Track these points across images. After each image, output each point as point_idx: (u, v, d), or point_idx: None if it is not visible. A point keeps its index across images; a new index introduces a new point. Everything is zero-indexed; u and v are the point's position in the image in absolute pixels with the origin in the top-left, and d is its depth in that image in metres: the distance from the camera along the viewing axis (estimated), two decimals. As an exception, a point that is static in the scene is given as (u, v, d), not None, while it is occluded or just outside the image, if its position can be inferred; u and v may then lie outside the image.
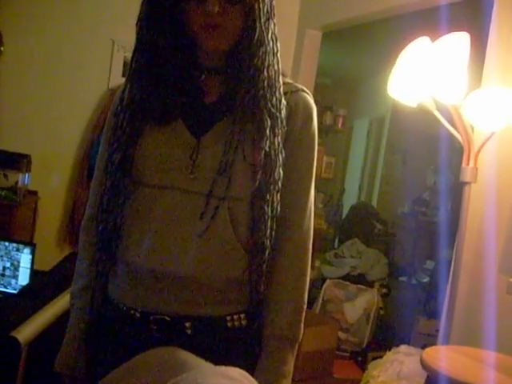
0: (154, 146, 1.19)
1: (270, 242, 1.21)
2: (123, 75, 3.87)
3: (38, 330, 1.77)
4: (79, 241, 1.34)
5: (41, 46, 3.84)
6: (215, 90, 1.23)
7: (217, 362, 1.08)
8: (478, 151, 1.99)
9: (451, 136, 2.10)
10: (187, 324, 1.19)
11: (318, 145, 1.29)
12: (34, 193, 3.80)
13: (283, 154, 1.20)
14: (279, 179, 1.19)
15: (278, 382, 1.23)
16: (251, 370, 1.20)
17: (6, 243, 2.84)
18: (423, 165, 5.34)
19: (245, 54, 1.16)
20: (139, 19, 1.20)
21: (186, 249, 1.17)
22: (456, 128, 2.03)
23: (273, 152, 1.17)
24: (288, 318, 1.24)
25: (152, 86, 1.20)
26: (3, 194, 3.48)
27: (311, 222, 1.27)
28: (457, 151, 2.96)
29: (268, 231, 1.19)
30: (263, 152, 1.16)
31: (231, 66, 1.20)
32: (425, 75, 1.98)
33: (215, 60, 1.21)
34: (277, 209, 1.20)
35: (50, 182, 3.92)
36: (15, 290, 2.83)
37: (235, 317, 1.23)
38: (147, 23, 1.18)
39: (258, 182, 1.17)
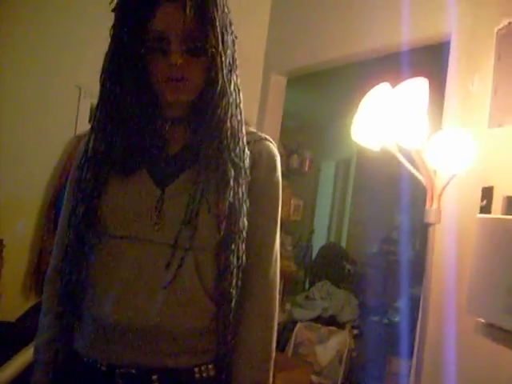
0: (119, 198, 1.20)
1: (236, 291, 1.21)
2: (90, 121, 3.87)
3: (1, 386, 1.72)
4: (43, 293, 1.32)
5: (4, 92, 3.82)
6: (179, 140, 1.24)
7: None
8: (441, 193, 2.03)
9: (415, 177, 2.15)
10: (154, 377, 1.17)
11: (286, 187, 1.31)
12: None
13: (247, 204, 1.21)
14: (244, 229, 1.20)
15: None
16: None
17: (-30, 295, 2.76)
18: (390, 205, 5.41)
19: (208, 105, 1.19)
20: (103, 72, 1.21)
21: (151, 300, 1.16)
22: (419, 171, 2.08)
23: (237, 202, 1.19)
24: (256, 368, 1.23)
25: (116, 137, 1.21)
26: (-33, 244, 3.40)
27: (277, 270, 1.27)
28: (421, 190, 3.02)
29: (234, 281, 1.20)
30: (227, 202, 1.17)
31: (194, 117, 1.21)
32: (386, 121, 2.03)
33: (178, 110, 1.23)
34: (242, 258, 1.21)
35: (16, 229, 3.86)
36: (-21, 343, 2.73)
37: (203, 368, 1.22)
38: (110, 76, 1.20)
39: (222, 232, 1.17)
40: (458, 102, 2.30)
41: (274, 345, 1.27)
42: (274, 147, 1.29)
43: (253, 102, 3.79)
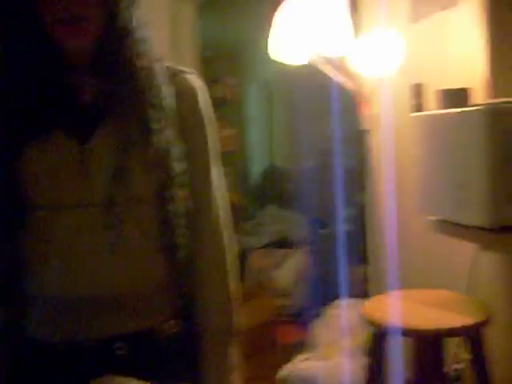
0: (37, 164, 1.08)
1: (184, 239, 1.13)
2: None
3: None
4: None
5: None
6: (90, 88, 1.12)
7: (158, 376, 1.02)
8: (370, 98, 1.98)
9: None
10: (117, 345, 1.11)
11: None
12: None
13: (180, 145, 1.12)
14: (179, 172, 1.11)
15: (223, 378, 1.18)
16: (195, 375, 1.14)
17: None
18: (321, 115, 5.38)
19: (112, 46, 1.06)
20: None
21: (96, 266, 1.07)
22: (346, 78, 2.02)
23: (165, 145, 1.09)
24: (219, 311, 1.18)
25: (19, 95, 1.08)
26: None
27: (224, 203, 1.19)
28: (351, 96, 2.98)
29: (179, 229, 1.12)
30: (154, 148, 1.08)
31: (100, 61, 1.09)
32: (304, 31, 1.93)
33: (81, 56, 1.10)
34: (184, 204, 1.13)
35: None
36: None
37: (165, 325, 1.15)
38: (1, 31, 1.06)
39: (155, 180, 1.09)
40: (375, 3, 2.23)
41: (234, 284, 1.21)
42: (194, 77, 1.18)
43: (163, 35, 3.61)
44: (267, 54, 2.17)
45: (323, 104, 4.76)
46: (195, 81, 1.18)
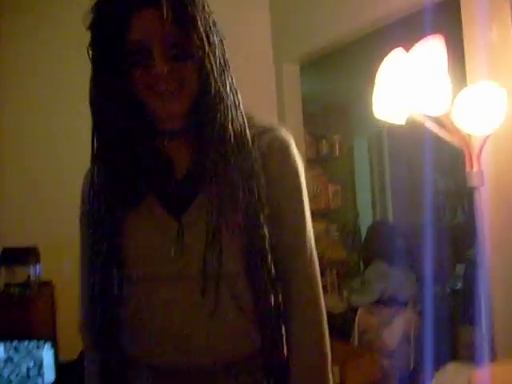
0: (136, 236, 1.13)
1: (278, 305, 1.13)
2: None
3: None
4: (83, 341, 1.27)
5: (38, 134, 3.85)
6: (185, 159, 1.15)
7: None
8: (479, 154, 1.91)
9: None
10: None
11: (320, 175, 1.22)
12: (48, 283, 3.75)
13: (266, 211, 1.11)
14: (268, 236, 1.11)
15: None
16: None
17: (26, 342, 2.75)
18: (430, 170, 5.24)
19: (206, 112, 1.09)
20: (90, 96, 1.13)
21: (194, 334, 1.10)
22: (452, 135, 1.96)
23: (252, 210, 1.09)
24: (313, 370, 1.16)
25: (118, 164, 1.13)
26: (16, 291, 3.43)
27: (315, 266, 1.18)
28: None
29: (272, 296, 1.12)
30: (242, 214, 1.08)
31: (194, 128, 1.12)
32: (406, 91, 1.91)
33: (176, 123, 1.14)
34: (274, 269, 1.12)
35: (63, 269, 3.87)
36: (42, 390, 2.72)
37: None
38: (98, 98, 1.11)
39: (245, 248, 1.09)
40: (480, 55, 2.17)
41: (328, 342, 1.17)
42: (281, 134, 1.16)
43: (270, 94, 3.70)
44: (373, 110, 2.16)
45: (433, 156, 4.67)
46: (283, 136, 1.17)
